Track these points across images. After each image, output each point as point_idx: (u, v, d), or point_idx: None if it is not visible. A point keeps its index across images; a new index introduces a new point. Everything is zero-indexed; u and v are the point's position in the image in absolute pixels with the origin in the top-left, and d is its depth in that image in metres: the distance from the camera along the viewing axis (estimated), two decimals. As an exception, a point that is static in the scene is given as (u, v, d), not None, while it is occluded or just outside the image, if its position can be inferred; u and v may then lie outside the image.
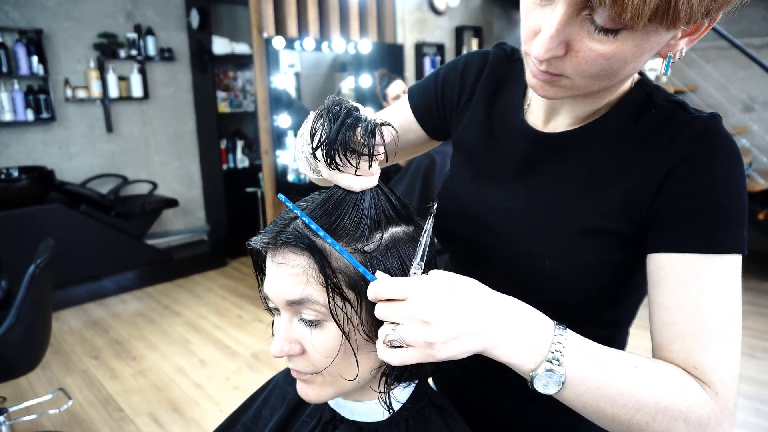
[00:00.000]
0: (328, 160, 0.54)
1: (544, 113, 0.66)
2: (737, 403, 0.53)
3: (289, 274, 0.56)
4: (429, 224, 0.55)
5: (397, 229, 0.59)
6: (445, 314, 0.48)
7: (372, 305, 0.54)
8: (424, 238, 0.55)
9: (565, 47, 0.49)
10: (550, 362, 0.49)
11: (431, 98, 0.79)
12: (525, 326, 0.50)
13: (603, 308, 0.66)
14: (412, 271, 0.54)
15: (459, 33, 5.35)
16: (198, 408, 2.42)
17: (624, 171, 0.60)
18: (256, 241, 0.59)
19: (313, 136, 0.56)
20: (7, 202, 3.22)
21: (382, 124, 0.56)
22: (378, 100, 3.22)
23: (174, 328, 3.25)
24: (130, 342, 3.08)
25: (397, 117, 0.81)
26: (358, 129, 0.53)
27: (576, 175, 0.63)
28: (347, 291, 0.56)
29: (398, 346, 0.50)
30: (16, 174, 3.45)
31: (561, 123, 0.65)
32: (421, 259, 0.54)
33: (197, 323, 3.32)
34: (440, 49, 5.19)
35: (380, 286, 0.51)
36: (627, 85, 0.62)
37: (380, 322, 0.54)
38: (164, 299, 3.73)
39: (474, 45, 5.44)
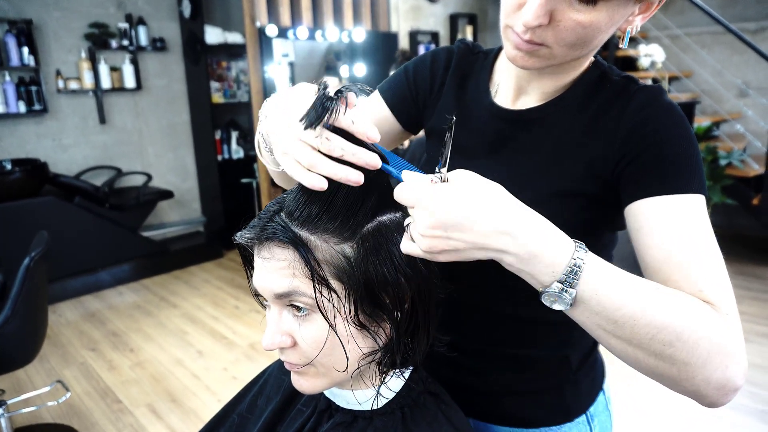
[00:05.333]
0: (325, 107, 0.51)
1: (513, 93, 0.72)
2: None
3: (276, 268, 0.56)
4: (449, 135, 0.53)
5: (383, 218, 0.58)
6: (466, 215, 0.48)
7: (359, 295, 0.55)
8: (447, 147, 0.53)
9: (548, 16, 0.56)
10: (562, 283, 0.49)
11: (405, 91, 0.84)
12: (547, 239, 0.50)
13: None
14: (429, 177, 0.52)
15: (453, 20, 5.31)
16: (196, 398, 2.43)
17: (587, 137, 0.66)
18: (241, 237, 0.59)
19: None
20: (0, 195, 3.20)
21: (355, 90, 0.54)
22: None
23: (171, 320, 3.26)
24: (127, 334, 3.08)
25: (371, 113, 0.86)
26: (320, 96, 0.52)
27: (545, 145, 0.69)
28: (333, 282, 0.56)
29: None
30: (9, 167, 3.42)
31: (529, 101, 0.71)
32: (443, 166, 0.52)
33: (194, 314, 3.32)
34: (435, 36, 5.15)
35: (399, 190, 0.52)
36: (585, 65, 0.70)
37: (368, 312, 0.56)
38: (161, 291, 3.73)
39: (468, 32, 5.41)
